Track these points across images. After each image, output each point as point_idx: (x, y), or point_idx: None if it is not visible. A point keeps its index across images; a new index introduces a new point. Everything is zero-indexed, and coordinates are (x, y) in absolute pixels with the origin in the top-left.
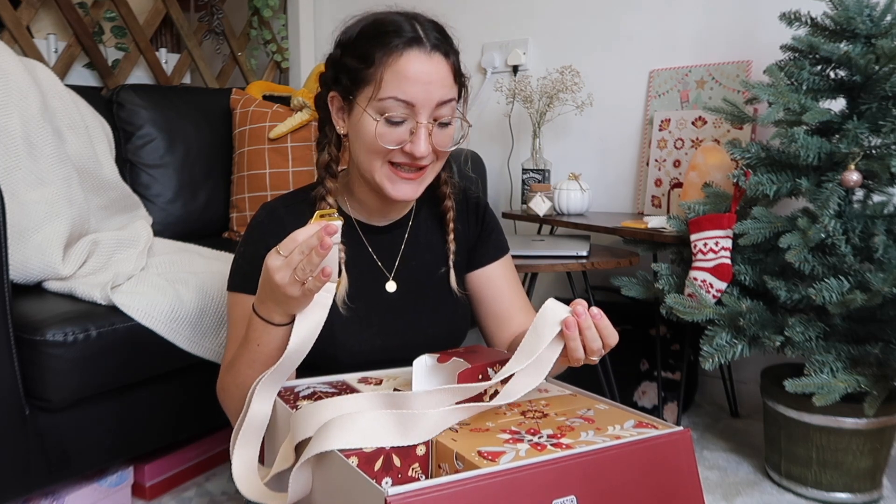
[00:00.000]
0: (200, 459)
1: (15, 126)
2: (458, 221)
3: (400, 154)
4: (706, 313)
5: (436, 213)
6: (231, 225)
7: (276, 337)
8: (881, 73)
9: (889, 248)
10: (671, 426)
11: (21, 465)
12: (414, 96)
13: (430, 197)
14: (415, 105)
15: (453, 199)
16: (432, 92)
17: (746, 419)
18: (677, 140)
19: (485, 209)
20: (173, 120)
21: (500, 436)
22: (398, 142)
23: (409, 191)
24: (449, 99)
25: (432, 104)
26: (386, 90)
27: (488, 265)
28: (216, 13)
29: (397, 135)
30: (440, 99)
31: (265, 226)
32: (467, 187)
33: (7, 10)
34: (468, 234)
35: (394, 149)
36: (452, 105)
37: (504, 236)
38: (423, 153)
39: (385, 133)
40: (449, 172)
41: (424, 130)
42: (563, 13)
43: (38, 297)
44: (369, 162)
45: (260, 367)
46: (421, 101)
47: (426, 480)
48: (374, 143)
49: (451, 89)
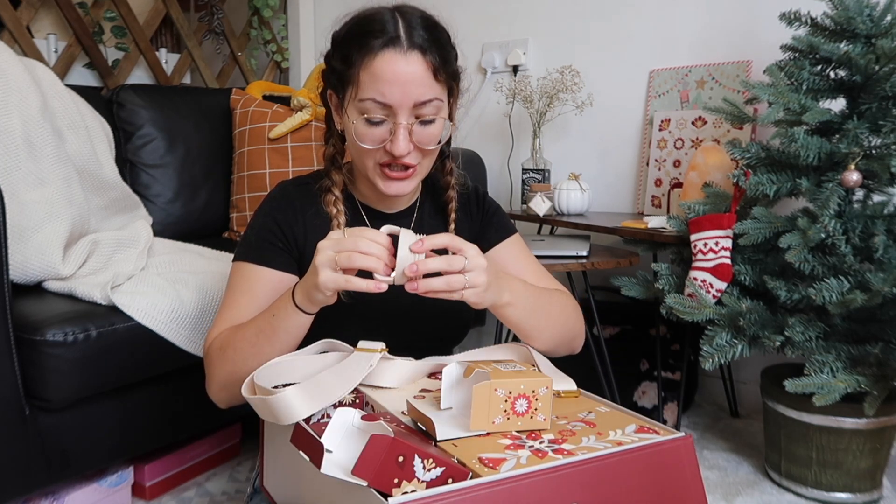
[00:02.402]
0: (200, 459)
1: (15, 126)
2: (460, 212)
3: (383, 154)
4: (706, 313)
5: (439, 204)
6: (231, 225)
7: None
8: (881, 73)
9: (889, 248)
10: (673, 431)
11: (21, 465)
12: (391, 98)
13: (434, 187)
14: (392, 106)
15: (456, 190)
16: (409, 92)
17: (746, 419)
18: (677, 140)
19: (483, 195)
20: (173, 120)
21: (501, 441)
22: (379, 141)
23: (401, 187)
24: (429, 98)
25: (409, 104)
26: (364, 92)
27: (495, 246)
28: (216, 13)
29: (378, 135)
30: (418, 99)
31: (275, 201)
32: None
33: (7, 10)
34: (471, 223)
35: (375, 148)
36: (435, 104)
37: (508, 218)
38: (402, 152)
39: (365, 133)
40: (454, 163)
41: (403, 130)
42: (563, 13)
43: (38, 297)
44: (361, 161)
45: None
46: (398, 102)
47: (427, 490)
48: (357, 143)
49: (430, 88)
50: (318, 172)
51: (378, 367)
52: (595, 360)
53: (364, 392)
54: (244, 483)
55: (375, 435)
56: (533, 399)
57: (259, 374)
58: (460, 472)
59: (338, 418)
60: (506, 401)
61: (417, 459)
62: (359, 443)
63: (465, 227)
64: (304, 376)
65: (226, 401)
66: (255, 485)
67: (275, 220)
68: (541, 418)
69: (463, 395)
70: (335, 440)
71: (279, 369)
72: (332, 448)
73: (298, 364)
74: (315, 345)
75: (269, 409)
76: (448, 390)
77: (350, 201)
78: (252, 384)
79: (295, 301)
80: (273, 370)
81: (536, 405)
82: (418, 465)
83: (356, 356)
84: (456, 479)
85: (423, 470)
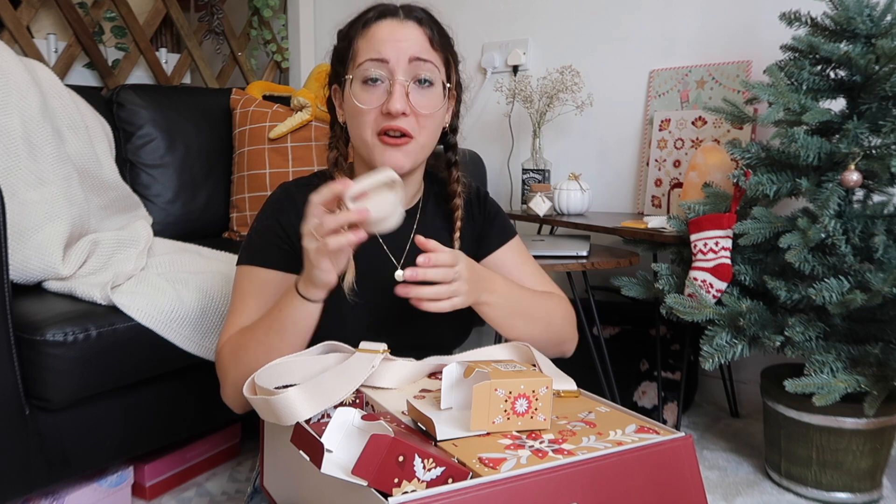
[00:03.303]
0: (200, 459)
1: (15, 126)
2: (464, 219)
3: (380, 118)
4: (706, 313)
5: (442, 208)
6: (231, 225)
7: (302, 312)
8: (881, 73)
9: (889, 248)
10: (673, 431)
11: (21, 465)
12: (386, 53)
13: (439, 192)
14: (388, 61)
15: (463, 198)
16: (404, 48)
17: (746, 419)
18: (677, 140)
19: (485, 198)
20: (173, 120)
21: (501, 441)
22: (377, 101)
23: (398, 158)
24: (425, 58)
25: (405, 59)
26: (361, 56)
27: (496, 251)
28: (216, 13)
29: (376, 96)
30: (414, 54)
31: (278, 202)
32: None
33: (7, 10)
34: (473, 225)
35: (374, 109)
36: (431, 67)
37: (508, 221)
38: (399, 109)
39: (364, 96)
40: (461, 172)
41: (400, 87)
42: (563, 13)
43: (38, 297)
44: (361, 135)
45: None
46: (394, 57)
47: (426, 490)
48: (358, 110)
49: (426, 51)
50: (320, 173)
51: (378, 367)
52: (595, 360)
53: (364, 392)
54: (244, 483)
55: (376, 434)
56: (533, 399)
57: (260, 375)
58: (460, 471)
59: (338, 418)
60: (506, 401)
61: (417, 459)
62: (359, 442)
63: (467, 230)
64: (305, 377)
65: (242, 405)
66: (256, 485)
67: (278, 221)
68: (541, 418)
69: (463, 395)
70: (335, 440)
71: (281, 370)
72: (332, 448)
73: (300, 365)
74: (317, 346)
75: (271, 410)
76: (448, 390)
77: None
78: (253, 384)
79: (298, 290)
80: (274, 371)
81: (536, 405)
82: (418, 464)
83: (358, 357)
84: (456, 479)
85: (424, 470)
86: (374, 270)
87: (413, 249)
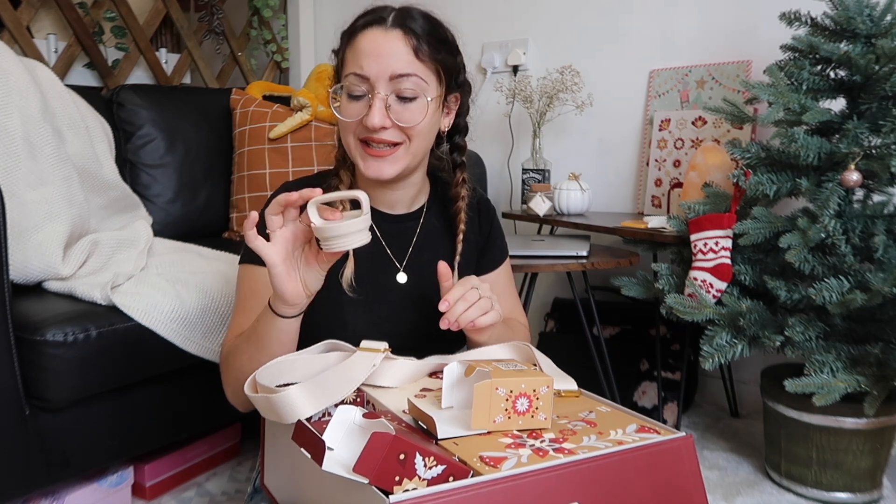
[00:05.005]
0: (200, 459)
1: (15, 126)
2: (467, 224)
3: (361, 129)
4: (706, 313)
5: (446, 213)
6: (231, 225)
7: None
8: (881, 73)
9: (889, 248)
10: (673, 431)
11: (21, 465)
12: (367, 69)
13: (443, 195)
14: (369, 78)
15: (466, 203)
16: (385, 64)
17: (746, 419)
18: (677, 140)
19: (493, 214)
20: (173, 120)
21: (502, 440)
22: (357, 115)
23: (381, 168)
24: (407, 73)
25: (386, 76)
26: (347, 68)
27: (489, 273)
28: (216, 13)
29: (357, 109)
30: (396, 71)
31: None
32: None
33: (7, 10)
34: (477, 238)
35: (354, 122)
36: (415, 80)
37: (505, 242)
38: (375, 124)
39: (347, 108)
40: (467, 175)
41: (379, 102)
42: (563, 13)
43: (38, 297)
44: (347, 142)
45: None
46: (374, 74)
47: (427, 488)
48: (341, 120)
49: (409, 64)
50: (321, 173)
51: (379, 366)
52: (595, 360)
53: (365, 391)
54: (244, 483)
55: (377, 432)
56: (534, 398)
57: (262, 373)
58: (461, 470)
59: (339, 416)
60: (507, 400)
61: (419, 457)
62: (360, 440)
63: (470, 240)
64: (306, 375)
65: (242, 405)
66: (256, 484)
67: None
68: (541, 417)
69: (464, 394)
70: (336, 438)
71: (282, 368)
72: (333, 445)
73: (301, 363)
74: (318, 345)
75: (272, 408)
76: (449, 389)
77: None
78: (254, 382)
79: (270, 306)
80: (276, 369)
81: (537, 404)
82: (419, 462)
83: (359, 356)
84: (457, 477)
85: (425, 468)
86: (376, 272)
87: (415, 253)
